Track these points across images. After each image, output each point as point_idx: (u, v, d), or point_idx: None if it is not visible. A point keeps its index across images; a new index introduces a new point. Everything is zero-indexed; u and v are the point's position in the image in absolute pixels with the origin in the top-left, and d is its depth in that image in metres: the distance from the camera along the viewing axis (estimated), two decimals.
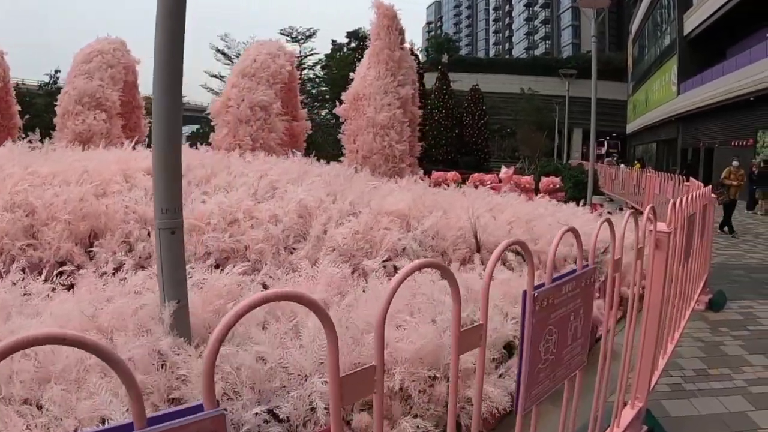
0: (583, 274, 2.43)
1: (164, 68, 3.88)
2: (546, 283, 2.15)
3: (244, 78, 12.24)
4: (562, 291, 2.25)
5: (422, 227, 7.04)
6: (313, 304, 1.40)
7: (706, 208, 6.92)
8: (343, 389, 1.46)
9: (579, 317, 2.42)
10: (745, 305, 8.06)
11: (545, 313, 2.13)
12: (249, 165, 9.22)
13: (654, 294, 3.58)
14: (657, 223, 3.51)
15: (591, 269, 2.50)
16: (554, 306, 2.19)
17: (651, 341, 3.69)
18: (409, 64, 12.77)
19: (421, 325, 3.99)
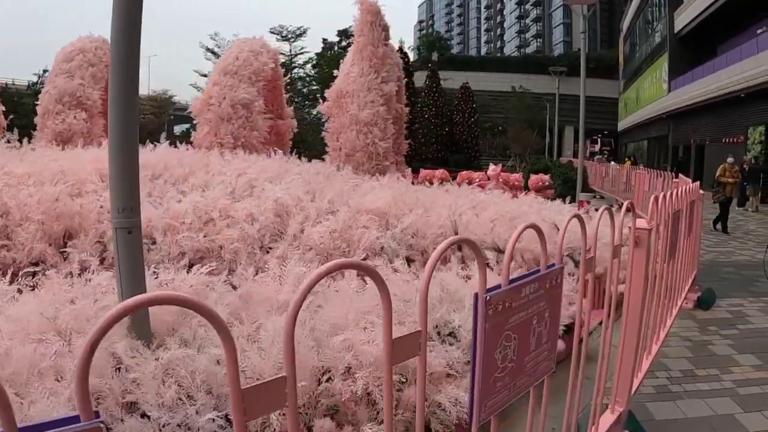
0: (548, 274, 2.23)
1: (120, 66, 3.79)
2: (502, 284, 1.96)
3: (226, 76, 12.04)
4: (521, 293, 2.05)
5: (401, 225, 6.85)
6: (198, 307, 1.20)
7: (693, 205, 6.74)
8: (248, 402, 1.31)
9: (544, 321, 2.22)
10: (735, 303, 7.90)
11: (501, 317, 1.93)
12: (228, 163, 9.07)
13: (634, 293, 3.40)
14: (637, 219, 3.32)
15: (557, 269, 2.31)
16: (512, 310, 2.00)
17: (631, 342, 3.50)
18: (393, 61, 12.58)
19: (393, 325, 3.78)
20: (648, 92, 48.93)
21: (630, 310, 3.39)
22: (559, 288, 2.35)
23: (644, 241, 3.30)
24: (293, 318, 1.36)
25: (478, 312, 1.82)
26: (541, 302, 2.19)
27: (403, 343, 1.66)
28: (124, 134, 3.89)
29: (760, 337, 6.45)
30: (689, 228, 6.50)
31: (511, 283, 1.99)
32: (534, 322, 2.16)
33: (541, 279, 2.18)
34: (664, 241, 4.45)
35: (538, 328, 2.19)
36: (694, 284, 7.79)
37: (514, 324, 2.02)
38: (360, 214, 7.04)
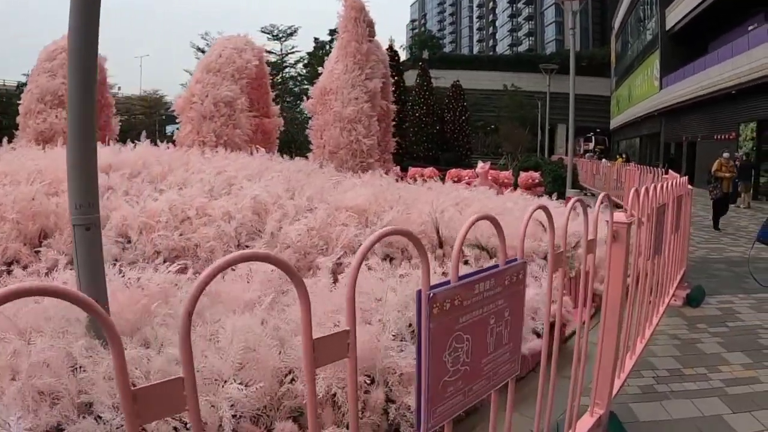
0: (507, 270, 2.05)
1: (77, 62, 3.71)
2: (451, 280, 1.78)
3: (209, 73, 11.90)
4: (474, 290, 1.87)
5: (381, 223, 6.69)
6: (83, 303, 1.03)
7: (680, 200, 6.57)
8: (141, 405, 1.21)
9: (504, 320, 2.04)
10: (725, 300, 7.73)
11: (449, 316, 1.76)
12: (208, 161, 8.97)
13: (613, 290, 3.22)
14: (615, 213, 3.14)
15: (518, 265, 2.12)
16: (463, 308, 1.82)
17: (611, 342, 3.33)
18: (378, 58, 12.41)
19: (358, 325, 3.61)
20: (640, 90, 48.86)
21: (608, 308, 3.22)
22: (521, 285, 2.17)
23: (622, 235, 3.12)
24: (186, 318, 1.17)
25: (421, 311, 1.65)
26: (499, 300, 2.02)
27: (327, 344, 1.47)
28: (81, 128, 3.77)
29: (750, 335, 6.28)
30: (676, 224, 6.34)
31: (462, 280, 1.82)
32: (491, 322, 1.99)
33: (499, 275, 2.01)
34: (648, 236, 4.28)
35: (497, 328, 2.02)
36: (683, 281, 7.62)
37: (466, 324, 1.84)
38: (339, 211, 6.92)
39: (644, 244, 4.24)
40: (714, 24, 33.48)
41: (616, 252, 3.17)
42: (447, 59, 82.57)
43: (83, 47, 3.67)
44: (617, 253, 3.17)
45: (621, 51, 62.52)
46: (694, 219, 17.07)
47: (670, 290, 6.50)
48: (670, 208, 5.75)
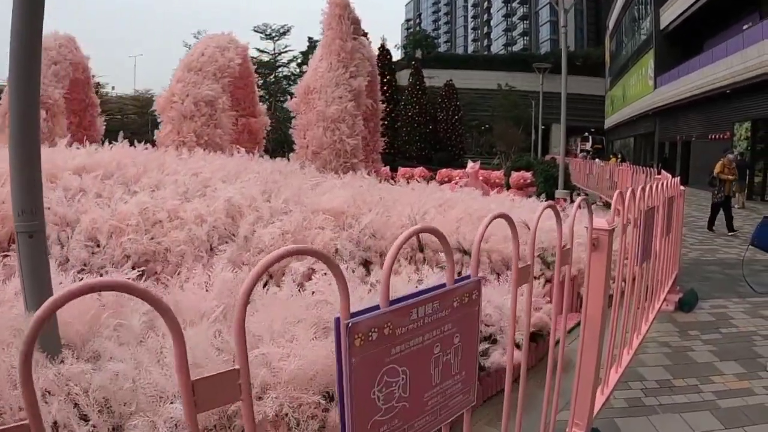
0: (456, 290, 1.76)
1: (19, 61, 3.43)
2: (380, 305, 1.50)
3: (190, 72, 11.63)
4: (410, 316, 1.59)
5: (359, 226, 6.41)
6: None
7: (671, 201, 6.30)
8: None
9: (453, 348, 1.76)
10: (719, 305, 7.46)
11: (378, 348, 1.48)
12: (184, 162, 8.67)
13: (593, 302, 2.94)
14: (594, 218, 2.86)
15: (470, 284, 1.83)
16: (397, 338, 1.54)
17: (591, 356, 3.05)
18: (363, 55, 12.13)
19: (320, 339, 3.35)
20: (634, 89, 48.67)
21: (588, 320, 2.94)
22: (476, 305, 1.88)
23: (603, 243, 2.84)
24: None
25: (340, 343, 1.38)
26: (446, 325, 1.73)
27: (212, 386, 1.19)
28: (22, 130, 3.53)
29: (744, 342, 6.02)
30: (667, 226, 6.07)
31: (394, 304, 1.53)
32: (436, 351, 1.71)
33: (445, 296, 1.72)
34: (636, 241, 4.01)
35: (444, 357, 1.74)
36: (674, 285, 7.36)
37: (402, 354, 1.57)
38: (316, 214, 6.63)
39: (632, 250, 3.97)
40: (709, 23, 33.31)
41: (596, 261, 2.89)
42: (441, 59, 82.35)
43: (25, 41, 3.39)
44: (597, 263, 2.89)
45: (615, 50, 62.32)
46: (687, 219, 16.85)
47: (661, 295, 6.24)
48: (660, 211, 5.49)
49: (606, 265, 2.88)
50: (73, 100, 15.49)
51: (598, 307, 2.94)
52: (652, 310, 5.57)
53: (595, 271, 2.88)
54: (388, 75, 43.06)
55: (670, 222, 6.34)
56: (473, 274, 1.88)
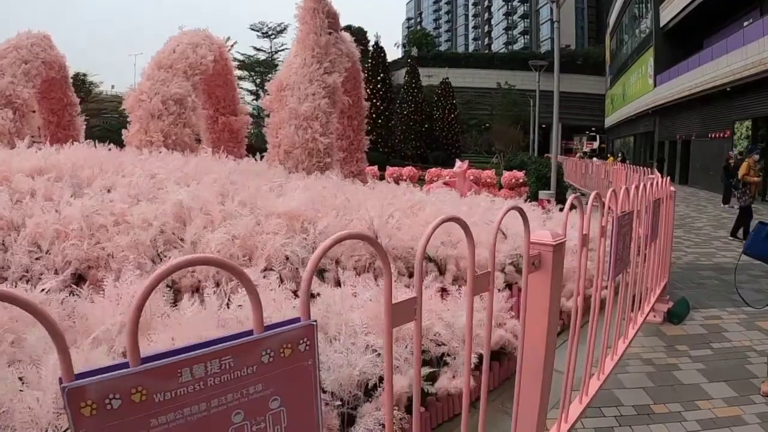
0: (265, 340, 1.29)
1: None
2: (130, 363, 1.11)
3: (160, 70, 11.12)
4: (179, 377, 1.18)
5: (315, 230, 5.89)
6: None
7: (658, 204, 5.75)
8: None
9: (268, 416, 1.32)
10: (712, 315, 6.90)
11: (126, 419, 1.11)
12: (142, 163, 8.19)
13: (533, 336, 2.39)
14: (532, 232, 2.31)
15: (295, 330, 1.33)
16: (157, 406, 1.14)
17: (531, 401, 2.49)
18: (342, 51, 11.58)
19: None
20: (634, 88, 48.12)
21: (528, 358, 2.38)
22: (308, 359, 1.39)
23: (547, 261, 2.29)
24: None
25: None
26: (252, 386, 1.28)
27: None
28: None
29: (737, 359, 5.46)
30: (654, 231, 5.53)
31: (153, 361, 1.12)
32: (237, 420, 1.27)
33: (245, 349, 1.26)
34: (606, 253, 3.47)
35: (254, 427, 1.29)
36: (664, 293, 6.80)
37: (171, 427, 1.17)
38: (270, 217, 6.11)
39: (599, 264, 3.42)
40: (709, 20, 32.78)
41: (536, 284, 2.34)
42: (441, 57, 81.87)
43: None
44: (538, 286, 2.34)
45: (616, 49, 61.73)
46: (684, 221, 16.33)
47: (645, 307, 5.69)
48: (648, 213, 4.96)
49: (551, 289, 2.33)
50: (51, 100, 15.18)
51: (539, 342, 2.39)
52: (634, 324, 5.01)
53: (535, 297, 2.33)
54: (382, 73, 42.56)
55: (657, 226, 5.79)
56: (304, 318, 1.35)
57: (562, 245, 2.39)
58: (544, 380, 2.43)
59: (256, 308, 1.31)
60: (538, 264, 2.31)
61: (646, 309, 5.66)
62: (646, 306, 5.73)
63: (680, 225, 15.20)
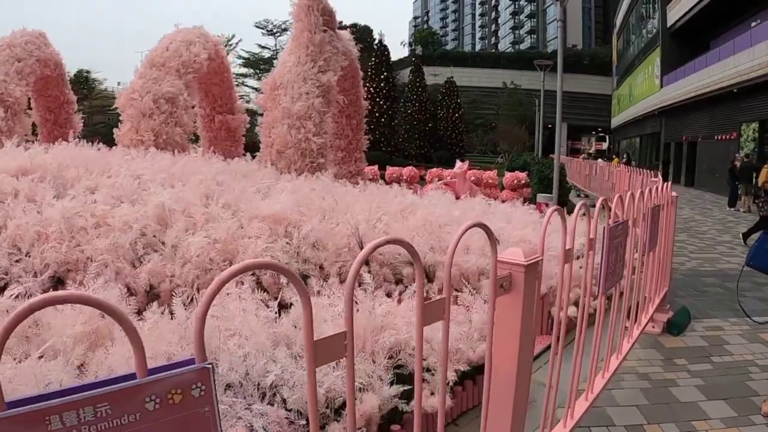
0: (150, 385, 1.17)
1: None
2: None
3: (153, 68, 10.97)
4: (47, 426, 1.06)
5: (299, 234, 5.66)
6: None
7: (657, 210, 5.49)
8: None
9: None
10: (713, 326, 6.64)
11: None
12: (128, 163, 8.00)
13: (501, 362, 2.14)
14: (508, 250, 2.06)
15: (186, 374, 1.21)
16: None
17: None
18: (338, 49, 11.34)
19: None
20: (640, 88, 47.73)
21: (494, 389, 2.13)
22: (203, 405, 1.24)
23: (518, 284, 2.05)
24: None
25: None
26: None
27: None
28: None
29: (739, 375, 5.20)
30: (652, 239, 5.27)
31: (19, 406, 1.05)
32: None
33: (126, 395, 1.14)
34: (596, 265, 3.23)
35: None
36: (664, 303, 6.55)
37: None
38: (254, 220, 5.89)
39: (585, 279, 3.18)
40: (716, 20, 32.42)
41: (505, 308, 2.09)
42: (447, 56, 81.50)
43: None
44: (508, 310, 2.10)
45: (622, 49, 61.33)
46: (689, 224, 16.03)
47: (643, 318, 5.44)
48: (643, 221, 4.71)
49: (522, 313, 2.09)
50: (48, 98, 15.10)
51: (508, 372, 2.14)
52: (629, 338, 4.76)
53: (504, 322, 2.09)
54: (385, 71, 42.27)
55: (656, 234, 5.54)
56: (198, 360, 1.20)
57: (535, 264, 2.14)
58: (515, 413, 2.19)
59: (138, 351, 1.10)
60: (508, 286, 2.07)
61: (643, 320, 5.41)
62: (644, 317, 5.48)
63: (684, 229, 14.93)
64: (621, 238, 3.74)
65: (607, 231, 3.35)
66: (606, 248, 3.33)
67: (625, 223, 3.85)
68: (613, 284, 3.70)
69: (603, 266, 3.31)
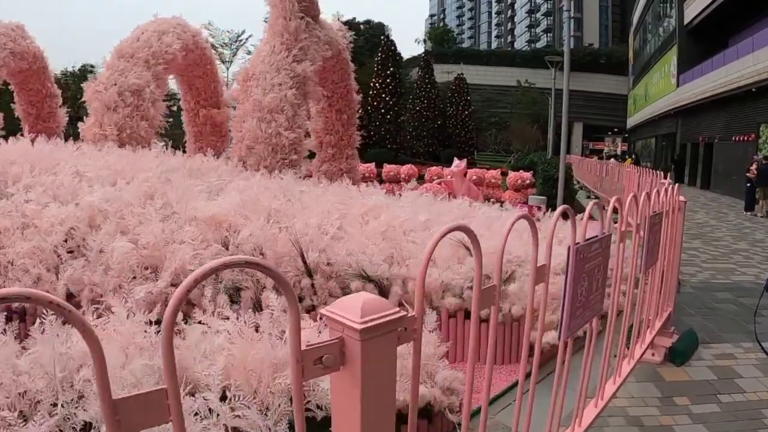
0: None
1: None
2: None
3: (121, 59, 10.30)
4: None
5: (235, 240, 4.92)
6: None
7: (659, 219, 4.62)
8: None
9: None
10: (724, 353, 5.73)
11: None
12: (77, 159, 7.48)
13: None
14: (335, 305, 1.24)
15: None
16: None
17: None
18: (318, 38, 10.54)
19: None
20: (656, 88, 46.65)
21: None
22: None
23: (353, 354, 1.22)
24: None
25: None
26: None
27: None
28: None
29: (751, 420, 4.31)
30: (650, 254, 4.39)
31: None
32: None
33: None
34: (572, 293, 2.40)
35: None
36: (667, 325, 5.66)
37: None
38: (191, 223, 5.15)
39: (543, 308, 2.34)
40: (735, 17, 31.35)
41: (340, 388, 1.27)
42: (462, 54, 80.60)
43: None
44: (343, 391, 1.27)
45: (639, 48, 60.21)
46: (703, 230, 15.05)
47: (637, 349, 4.56)
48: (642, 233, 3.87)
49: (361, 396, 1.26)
50: (29, 91, 14.68)
51: None
52: (616, 376, 3.89)
53: (341, 407, 1.27)
54: (392, 67, 41.37)
55: (656, 247, 4.66)
56: None
57: (384, 325, 1.31)
58: None
59: None
60: (334, 361, 1.25)
61: (637, 353, 4.54)
62: (639, 348, 4.61)
63: (698, 235, 13.98)
64: (599, 259, 2.87)
65: (573, 253, 2.50)
66: (571, 277, 2.49)
67: (606, 238, 2.97)
68: (586, 322, 2.84)
69: (566, 303, 2.46)
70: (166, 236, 5.10)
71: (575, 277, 2.54)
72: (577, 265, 2.54)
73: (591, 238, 2.74)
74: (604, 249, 2.93)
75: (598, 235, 2.81)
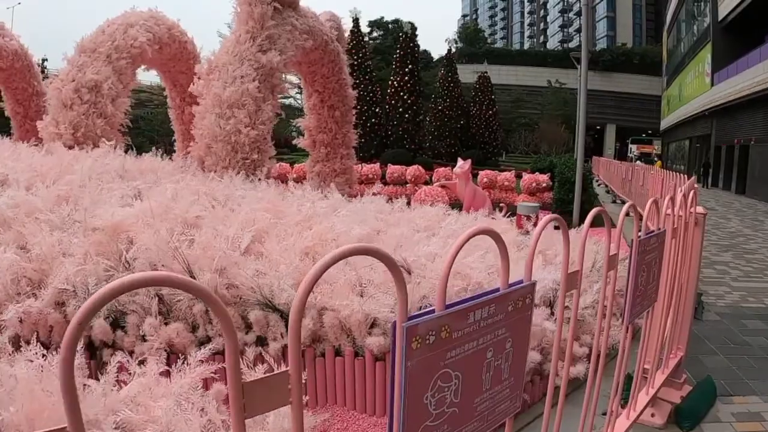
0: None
1: None
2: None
3: (82, 54, 9.68)
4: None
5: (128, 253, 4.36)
6: None
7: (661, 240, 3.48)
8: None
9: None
10: (749, 412, 4.45)
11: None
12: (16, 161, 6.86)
13: None
14: None
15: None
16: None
17: None
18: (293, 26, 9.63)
19: None
20: (690, 88, 45.31)
21: None
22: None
23: None
24: None
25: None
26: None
27: None
28: None
29: None
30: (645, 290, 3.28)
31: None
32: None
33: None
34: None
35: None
36: (678, 372, 4.51)
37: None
38: (85, 233, 4.65)
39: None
40: None
41: None
42: (492, 54, 79.59)
43: None
44: None
45: (672, 47, 58.63)
46: (736, 240, 13.69)
47: (632, 412, 3.47)
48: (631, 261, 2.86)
49: None
50: (15, 90, 14.59)
51: None
52: None
53: None
54: (410, 65, 40.43)
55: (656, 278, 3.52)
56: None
57: None
58: None
59: None
60: None
61: (632, 416, 3.45)
62: (633, 410, 3.51)
63: (730, 246, 12.66)
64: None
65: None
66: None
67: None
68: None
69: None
70: (63, 248, 4.44)
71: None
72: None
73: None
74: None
75: None
